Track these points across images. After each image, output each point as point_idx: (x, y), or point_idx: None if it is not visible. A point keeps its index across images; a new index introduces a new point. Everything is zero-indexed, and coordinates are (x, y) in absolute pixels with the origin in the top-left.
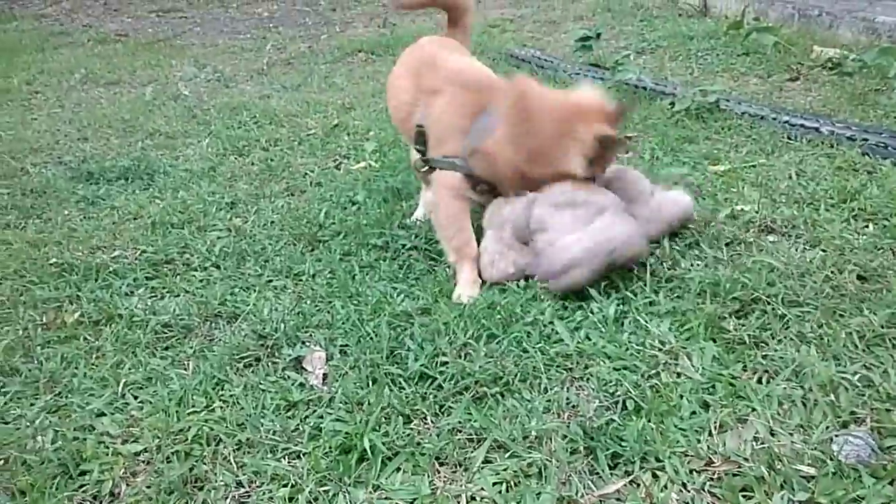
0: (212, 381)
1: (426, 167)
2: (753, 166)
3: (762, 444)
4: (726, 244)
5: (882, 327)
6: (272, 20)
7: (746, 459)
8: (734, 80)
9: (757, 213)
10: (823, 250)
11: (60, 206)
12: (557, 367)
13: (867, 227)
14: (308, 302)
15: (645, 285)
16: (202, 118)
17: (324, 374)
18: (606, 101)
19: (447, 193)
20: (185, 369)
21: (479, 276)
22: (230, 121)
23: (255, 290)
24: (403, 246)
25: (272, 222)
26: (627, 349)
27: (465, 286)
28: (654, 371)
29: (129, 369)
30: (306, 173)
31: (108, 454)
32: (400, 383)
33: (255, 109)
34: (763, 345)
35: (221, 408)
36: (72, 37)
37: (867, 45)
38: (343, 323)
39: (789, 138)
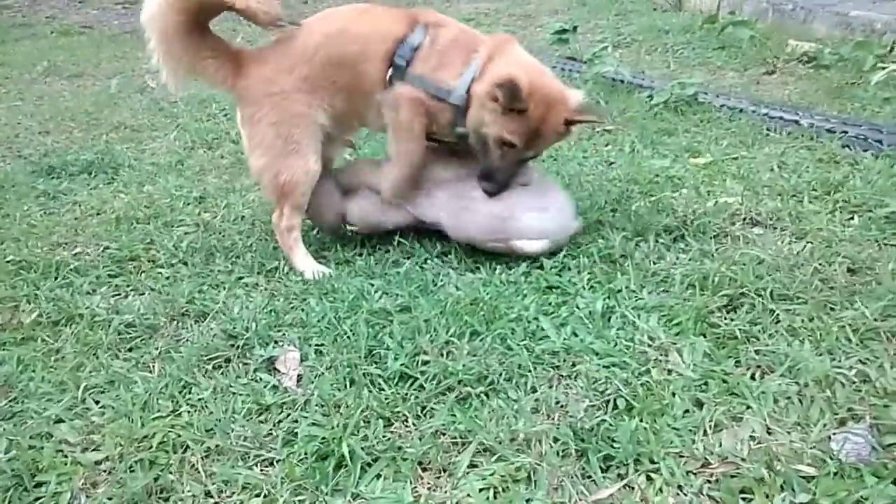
0: (178, 384)
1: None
2: (735, 159)
3: (759, 443)
4: (712, 237)
5: (875, 320)
6: None
7: (744, 460)
8: (711, 74)
9: (741, 205)
10: (810, 242)
11: (20, 201)
12: (544, 365)
13: (852, 218)
14: (281, 299)
15: (630, 279)
16: (169, 111)
17: (298, 376)
18: (580, 94)
19: (414, 108)
20: (150, 372)
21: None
22: (199, 113)
23: (224, 288)
24: (381, 240)
25: (243, 217)
26: (616, 345)
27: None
28: (644, 368)
29: (90, 372)
30: None
31: (66, 463)
32: (379, 384)
33: (224, 102)
34: (755, 339)
35: (189, 412)
36: (34, 29)
37: (841, 39)
38: (318, 321)
39: (769, 131)
